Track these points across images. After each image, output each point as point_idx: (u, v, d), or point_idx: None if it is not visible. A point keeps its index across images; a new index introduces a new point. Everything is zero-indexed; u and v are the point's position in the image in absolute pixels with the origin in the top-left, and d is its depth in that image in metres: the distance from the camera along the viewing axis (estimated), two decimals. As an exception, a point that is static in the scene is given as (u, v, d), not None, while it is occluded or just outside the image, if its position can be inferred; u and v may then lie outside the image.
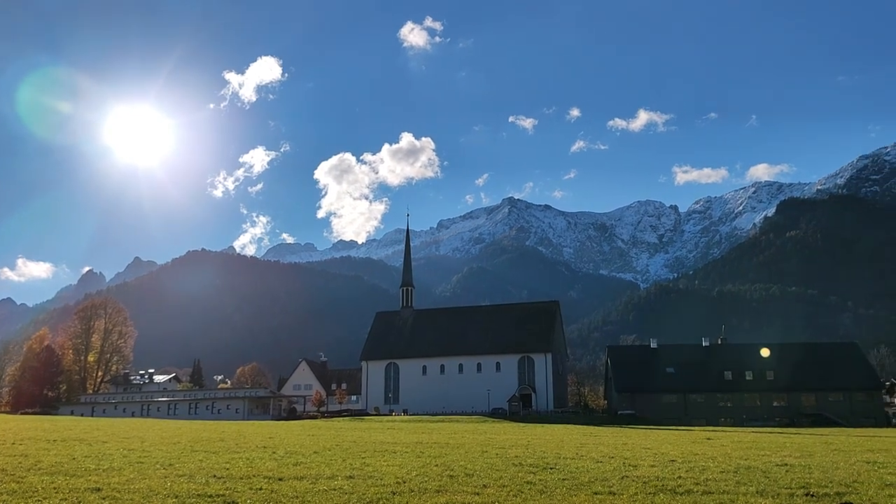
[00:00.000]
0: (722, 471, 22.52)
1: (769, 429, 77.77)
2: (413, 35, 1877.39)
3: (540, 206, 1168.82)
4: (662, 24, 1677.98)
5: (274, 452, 28.94)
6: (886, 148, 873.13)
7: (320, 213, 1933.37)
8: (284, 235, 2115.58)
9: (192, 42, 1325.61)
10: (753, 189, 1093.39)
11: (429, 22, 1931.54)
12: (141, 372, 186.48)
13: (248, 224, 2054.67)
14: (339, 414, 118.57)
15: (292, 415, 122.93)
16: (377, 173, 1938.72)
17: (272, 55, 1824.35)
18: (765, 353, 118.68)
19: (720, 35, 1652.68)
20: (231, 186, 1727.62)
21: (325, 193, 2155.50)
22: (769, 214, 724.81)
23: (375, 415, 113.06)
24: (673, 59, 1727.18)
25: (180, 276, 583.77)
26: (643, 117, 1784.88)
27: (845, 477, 20.87)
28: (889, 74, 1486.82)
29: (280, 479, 19.58)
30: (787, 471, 22.58)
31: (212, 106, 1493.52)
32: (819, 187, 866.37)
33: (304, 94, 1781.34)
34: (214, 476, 20.09)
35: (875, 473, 21.93)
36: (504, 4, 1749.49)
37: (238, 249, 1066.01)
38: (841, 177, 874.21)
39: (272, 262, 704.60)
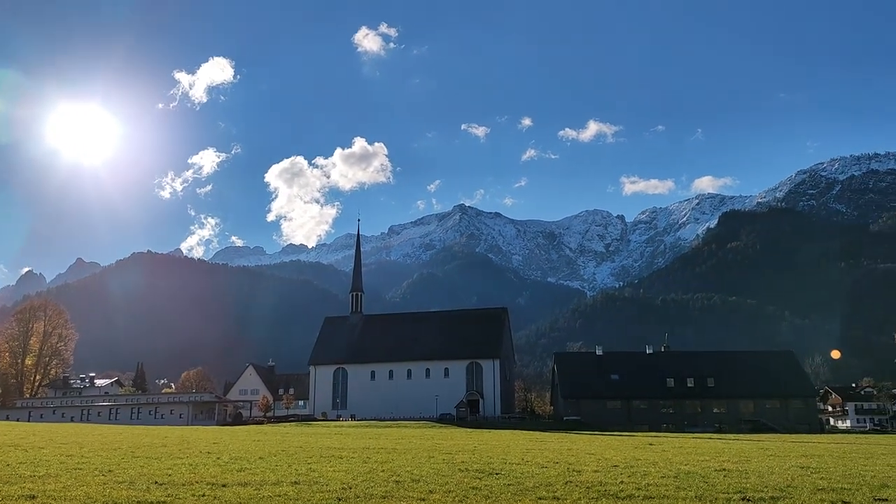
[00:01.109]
0: (663, 476, 22.99)
1: (709, 435, 79.53)
2: (367, 40, 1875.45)
3: (490, 213, 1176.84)
4: (613, 38, 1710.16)
5: (218, 458, 28.48)
6: (823, 164, 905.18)
7: (270, 217, 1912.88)
8: (234, 238, 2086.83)
9: (140, 40, 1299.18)
10: (697, 201, 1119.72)
11: (383, 28, 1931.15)
12: (81, 376, 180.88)
13: (197, 226, 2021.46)
14: (286, 419, 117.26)
15: (238, 420, 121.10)
16: (329, 177, 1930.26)
17: (224, 56, 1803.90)
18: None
19: (668, 50, 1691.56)
20: (179, 187, 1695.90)
21: (276, 196, 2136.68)
22: (711, 226, 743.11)
23: (323, 420, 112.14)
24: (623, 71, 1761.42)
25: (124, 278, 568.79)
26: (593, 128, 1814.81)
27: (780, 482, 21.51)
28: (826, 92, 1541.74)
29: (224, 486, 19.31)
30: (725, 476, 23.16)
31: (161, 106, 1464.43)
32: (759, 200, 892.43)
33: (256, 96, 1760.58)
34: (155, 482, 19.71)
35: (808, 478, 22.66)
36: (459, 13, 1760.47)
37: (185, 252, 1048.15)
38: (780, 190, 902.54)
39: (220, 265, 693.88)
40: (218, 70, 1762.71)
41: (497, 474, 23.00)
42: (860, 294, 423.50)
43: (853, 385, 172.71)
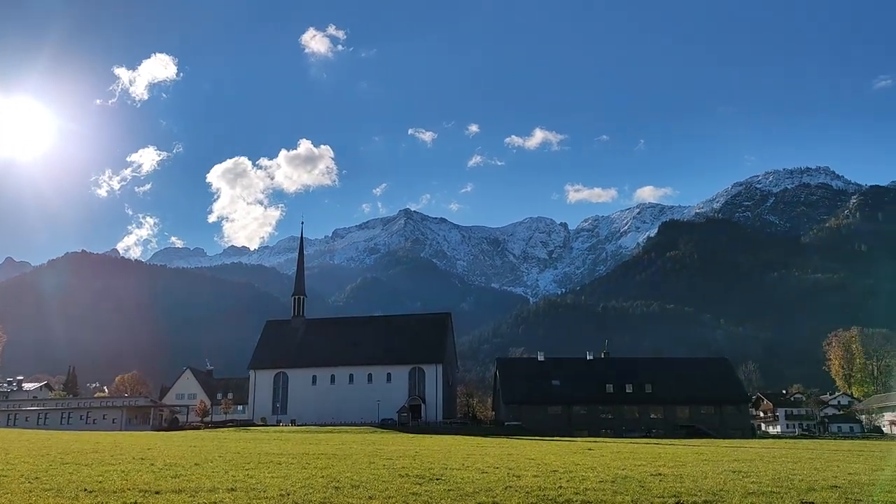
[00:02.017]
0: (601, 480, 23.34)
1: (646, 440, 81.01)
2: (315, 42, 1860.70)
3: (436, 218, 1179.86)
4: (560, 47, 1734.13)
5: (152, 464, 27.79)
6: (758, 176, 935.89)
7: (212, 218, 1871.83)
8: (173, 239, 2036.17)
9: (76, 32, 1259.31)
10: (638, 210, 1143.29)
11: (332, 30, 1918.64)
12: (9, 379, 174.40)
13: (134, 225, 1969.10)
14: (223, 424, 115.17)
15: (174, 425, 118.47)
16: (273, 179, 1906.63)
17: (167, 53, 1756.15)
18: None
19: (613, 61, 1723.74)
20: (117, 186, 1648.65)
21: (218, 197, 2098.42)
22: (651, 235, 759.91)
23: (262, 425, 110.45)
24: (569, 81, 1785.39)
25: (57, 278, 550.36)
26: (539, 136, 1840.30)
27: (713, 486, 22.06)
28: (763, 106, 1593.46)
29: (157, 493, 18.85)
30: (660, 480, 23.63)
31: (99, 101, 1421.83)
32: (697, 210, 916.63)
33: (199, 94, 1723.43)
34: (85, 490, 19.12)
35: (740, 482, 23.29)
36: (408, 18, 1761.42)
37: (122, 252, 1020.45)
38: (717, 201, 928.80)
39: (158, 267, 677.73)
40: (160, 67, 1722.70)
41: (437, 480, 23.00)
42: (791, 303, 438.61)
43: (784, 391, 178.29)
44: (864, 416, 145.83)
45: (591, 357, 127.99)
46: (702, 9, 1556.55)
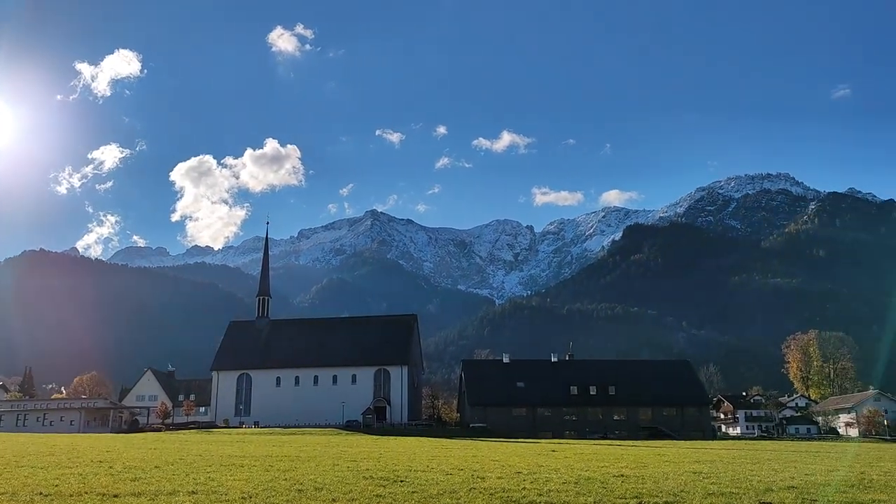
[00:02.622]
0: (564, 482, 23.50)
1: (609, 441, 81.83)
2: (282, 40, 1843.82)
3: (402, 220, 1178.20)
4: (527, 50, 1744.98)
5: (110, 467, 27.30)
6: (720, 182, 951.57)
7: (175, 217, 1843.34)
8: (135, 238, 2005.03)
9: (36, 25, 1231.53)
10: (603, 214, 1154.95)
11: (300, 29, 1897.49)
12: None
13: (95, 224, 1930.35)
14: (185, 426, 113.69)
15: (134, 427, 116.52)
16: (238, 178, 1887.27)
17: (130, 49, 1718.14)
18: None
19: (581, 65, 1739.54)
20: (77, 183, 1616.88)
21: (182, 196, 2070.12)
22: (616, 238, 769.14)
23: (225, 427, 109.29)
24: (537, 84, 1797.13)
25: (14, 277, 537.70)
26: (507, 138, 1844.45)
27: (674, 487, 22.36)
28: (726, 112, 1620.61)
29: (115, 496, 18.54)
30: (622, 481, 23.89)
31: (59, 97, 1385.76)
32: (661, 215, 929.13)
33: (164, 91, 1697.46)
34: (41, 493, 18.72)
35: (700, 483, 23.64)
36: (377, 19, 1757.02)
37: (81, 251, 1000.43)
38: (681, 206, 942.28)
39: (119, 266, 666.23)
40: (123, 63, 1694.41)
41: (402, 482, 22.98)
42: (751, 307, 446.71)
43: (743, 394, 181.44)
44: (820, 418, 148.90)
45: (556, 359, 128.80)
46: (667, 16, 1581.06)
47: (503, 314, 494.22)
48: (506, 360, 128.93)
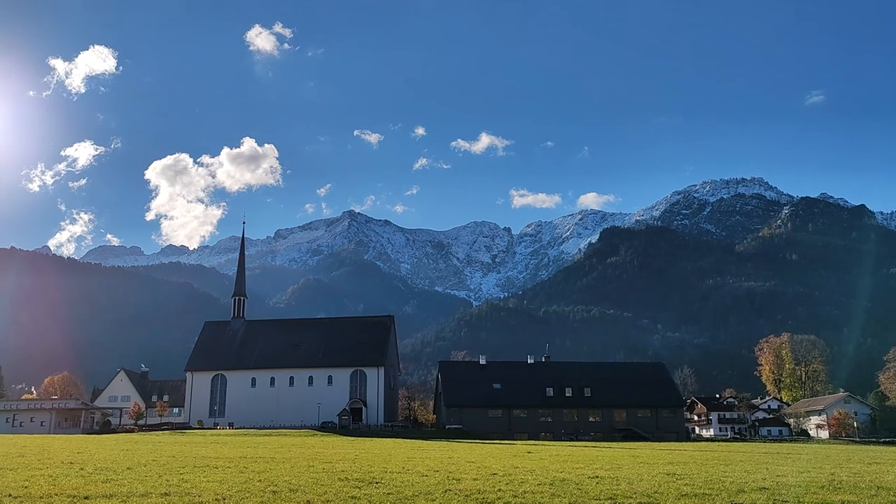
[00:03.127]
0: (539, 483, 23.59)
1: (584, 443, 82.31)
2: (260, 39, 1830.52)
3: (380, 221, 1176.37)
4: (506, 54, 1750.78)
5: (82, 469, 26.95)
6: (696, 186, 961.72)
7: (149, 216, 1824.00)
8: (109, 236, 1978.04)
9: (8, 20, 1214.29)
10: (580, 216, 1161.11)
11: (278, 28, 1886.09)
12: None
13: (68, 222, 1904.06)
14: (159, 427, 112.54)
15: (106, 428, 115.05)
16: (214, 177, 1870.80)
17: (106, 45, 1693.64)
18: None
19: (558, 69, 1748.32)
20: (50, 181, 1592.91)
21: (157, 195, 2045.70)
22: (593, 241, 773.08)
23: (199, 428, 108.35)
24: (516, 87, 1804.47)
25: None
26: (485, 140, 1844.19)
27: (648, 488, 22.53)
28: (703, 117, 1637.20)
29: (86, 498, 18.31)
30: (597, 483, 24.03)
31: (32, 93, 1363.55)
32: (638, 218, 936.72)
33: (139, 88, 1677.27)
34: (10, 495, 18.43)
35: (674, 485, 23.85)
36: (356, 19, 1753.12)
37: (53, 249, 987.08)
38: (657, 209, 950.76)
39: (93, 265, 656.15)
40: (98, 59, 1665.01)
41: (377, 483, 22.93)
42: (725, 310, 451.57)
43: (717, 396, 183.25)
44: (792, 420, 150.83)
45: (533, 361, 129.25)
46: (646, 22, 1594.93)
47: (480, 316, 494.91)
48: (482, 361, 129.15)
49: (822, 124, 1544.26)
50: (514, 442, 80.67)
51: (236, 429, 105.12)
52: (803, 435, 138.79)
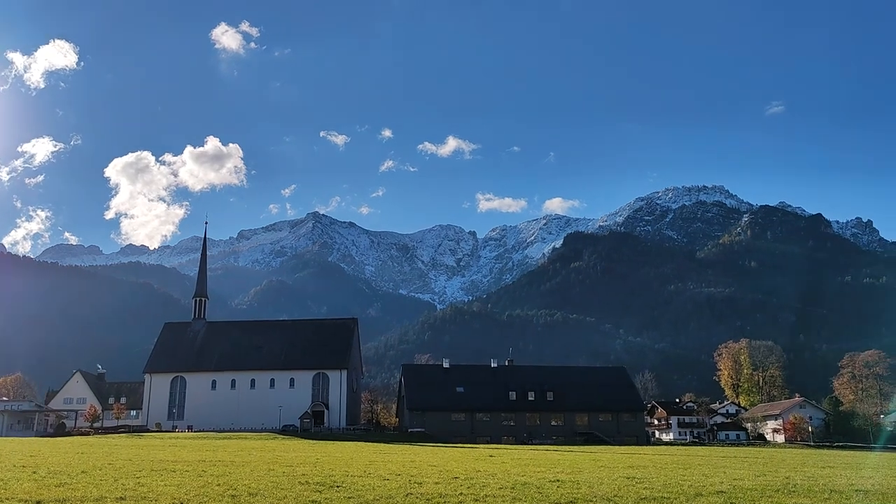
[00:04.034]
0: (500, 487, 23.65)
1: (546, 446, 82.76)
2: (226, 37, 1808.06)
3: (345, 223, 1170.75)
4: (474, 58, 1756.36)
5: (34, 472, 26.31)
6: (659, 193, 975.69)
7: (109, 214, 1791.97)
8: (67, 235, 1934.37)
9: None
10: (545, 221, 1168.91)
11: (245, 26, 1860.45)
12: None
13: (24, 219, 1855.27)
14: (115, 430, 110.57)
15: (61, 431, 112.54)
16: (177, 176, 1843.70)
17: (67, 39, 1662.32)
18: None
19: (525, 73, 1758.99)
20: (5, 177, 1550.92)
21: (117, 193, 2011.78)
22: (557, 246, 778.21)
23: (157, 431, 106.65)
24: (483, 91, 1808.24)
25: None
26: (452, 144, 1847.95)
27: (608, 492, 22.73)
28: (666, 125, 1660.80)
29: (38, 502, 17.87)
30: (558, 486, 24.18)
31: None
32: (601, 223, 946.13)
33: (101, 84, 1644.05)
34: (-42, 500, 17.92)
35: (633, 488, 24.09)
36: (324, 19, 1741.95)
37: (8, 247, 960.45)
38: (620, 215, 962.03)
39: (49, 264, 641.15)
40: (59, 54, 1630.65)
41: (338, 487, 22.78)
42: (686, 315, 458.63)
43: (677, 400, 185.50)
44: (749, 425, 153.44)
45: (496, 365, 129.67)
46: (611, 30, 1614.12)
47: (444, 319, 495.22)
48: (446, 364, 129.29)
49: (781, 134, 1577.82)
50: (477, 445, 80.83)
51: (196, 432, 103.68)
52: (760, 439, 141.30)
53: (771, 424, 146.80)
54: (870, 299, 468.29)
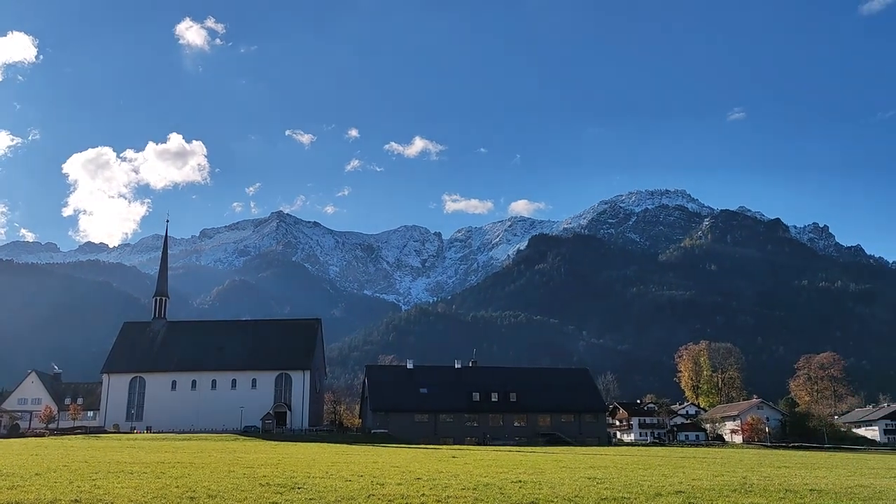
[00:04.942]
0: (463, 488, 23.70)
1: (509, 448, 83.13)
2: (191, 33, 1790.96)
3: (309, 222, 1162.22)
4: (440, 58, 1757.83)
5: (-15, 475, 25.66)
6: (622, 196, 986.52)
7: (67, 211, 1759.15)
8: (23, 231, 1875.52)
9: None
10: (510, 223, 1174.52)
11: (210, 22, 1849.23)
12: None
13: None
14: (72, 431, 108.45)
15: (14, 432, 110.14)
16: (138, 173, 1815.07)
17: (26, 32, 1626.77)
18: None
19: (492, 73, 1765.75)
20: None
21: (75, 189, 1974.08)
22: (521, 248, 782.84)
23: (115, 432, 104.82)
24: (450, 92, 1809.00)
25: None
26: (419, 144, 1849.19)
27: (569, 492, 22.92)
28: (630, 129, 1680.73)
29: (-10, 506, 17.45)
30: (520, 487, 24.31)
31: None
32: (566, 226, 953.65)
33: (61, 78, 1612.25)
34: None
35: (594, 488, 24.33)
36: (291, 17, 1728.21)
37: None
38: (584, 218, 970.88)
39: (4, 262, 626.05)
40: (18, 47, 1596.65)
41: (299, 488, 22.62)
42: (648, 317, 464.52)
43: (638, 401, 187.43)
44: (708, 425, 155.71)
45: (460, 366, 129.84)
46: (578, 34, 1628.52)
47: (409, 320, 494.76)
48: (410, 365, 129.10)
49: (742, 140, 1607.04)
50: (440, 447, 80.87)
51: (155, 433, 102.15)
52: (719, 440, 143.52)
53: (729, 425, 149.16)
54: (825, 303, 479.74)
